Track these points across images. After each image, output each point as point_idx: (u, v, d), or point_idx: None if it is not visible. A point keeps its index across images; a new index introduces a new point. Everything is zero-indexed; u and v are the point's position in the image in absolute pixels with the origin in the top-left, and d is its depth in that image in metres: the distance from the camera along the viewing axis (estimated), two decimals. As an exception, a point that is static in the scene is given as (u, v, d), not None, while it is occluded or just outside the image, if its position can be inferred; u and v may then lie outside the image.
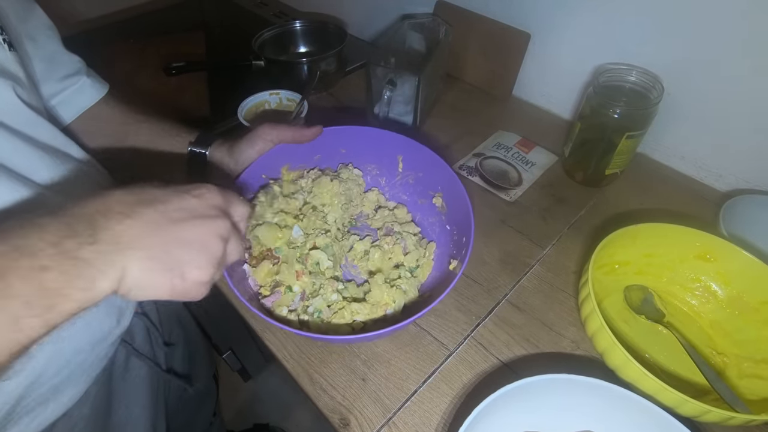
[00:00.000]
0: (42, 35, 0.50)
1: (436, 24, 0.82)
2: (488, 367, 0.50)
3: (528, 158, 0.74)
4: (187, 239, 0.32)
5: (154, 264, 0.30)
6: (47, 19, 0.51)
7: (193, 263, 0.32)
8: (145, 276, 0.30)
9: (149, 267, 0.30)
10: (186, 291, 0.32)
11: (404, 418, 0.46)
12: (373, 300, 0.52)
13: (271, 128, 0.55)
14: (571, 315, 0.54)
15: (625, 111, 0.60)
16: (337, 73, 0.89)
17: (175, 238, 0.31)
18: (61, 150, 0.45)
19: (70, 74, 0.54)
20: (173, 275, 0.31)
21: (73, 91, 0.54)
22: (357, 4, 1.06)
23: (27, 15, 0.48)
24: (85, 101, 0.56)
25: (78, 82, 0.54)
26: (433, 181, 0.59)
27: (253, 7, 1.20)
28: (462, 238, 0.51)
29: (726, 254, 0.52)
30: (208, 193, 0.35)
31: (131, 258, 0.29)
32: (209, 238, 0.33)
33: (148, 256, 0.30)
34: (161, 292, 0.31)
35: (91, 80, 0.56)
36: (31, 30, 0.48)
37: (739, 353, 0.50)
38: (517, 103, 0.87)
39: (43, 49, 0.50)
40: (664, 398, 0.41)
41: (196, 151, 0.56)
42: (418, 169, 0.61)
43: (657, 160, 0.74)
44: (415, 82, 0.70)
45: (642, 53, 0.67)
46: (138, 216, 0.30)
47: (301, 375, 0.49)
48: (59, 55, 0.53)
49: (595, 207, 0.67)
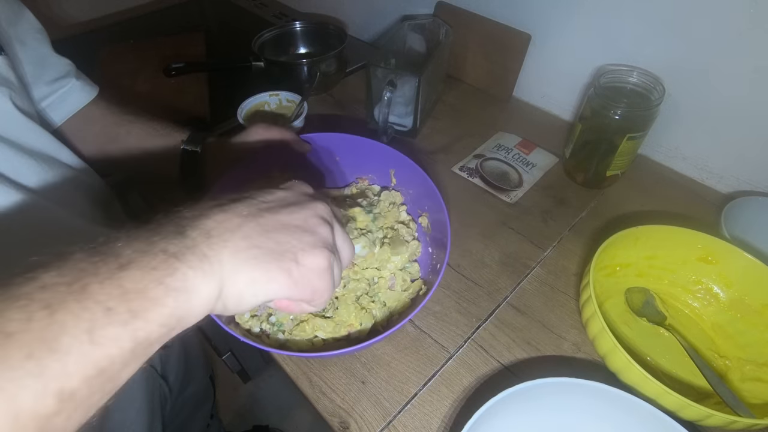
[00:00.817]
0: (31, 38, 0.50)
1: (436, 25, 0.82)
2: (489, 370, 0.49)
3: (528, 159, 0.73)
4: (288, 223, 0.29)
5: (260, 253, 0.26)
6: (37, 23, 0.51)
7: (303, 245, 0.28)
8: (254, 269, 0.26)
9: (255, 256, 0.26)
10: (309, 281, 0.28)
11: (404, 422, 0.46)
12: (338, 319, 0.49)
13: (264, 129, 0.55)
14: (572, 317, 0.54)
15: (626, 112, 0.60)
16: (337, 74, 0.89)
17: (274, 224, 0.28)
18: (51, 156, 0.46)
19: (60, 77, 0.54)
20: (285, 260, 0.27)
21: (62, 93, 0.54)
22: (357, 5, 1.06)
23: (16, 18, 0.48)
24: (75, 103, 0.56)
25: (67, 84, 0.55)
26: (421, 199, 0.57)
27: (252, 8, 1.20)
28: (437, 264, 0.50)
29: (728, 256, 0.51)
30: (297, 184, 0.33)
31: (231, 250, 0.25)
32: (311, 220, 0.30)
33: (249, 245, 0.26)
34: (280, 283, 0.27)
35: (81, 83, 0.56)
36: (20, 33, 0.48)
37: (741, 356, 0.50)
38: (517, 104, 0.86)
39: (32, 52, 0.50)
40: (666, 402, 0.41)
41: (188, 149, 0.56)
42: (409, 185, 0.59)
43: (658, 161, 0.74)
44: (415, 83, 0.69)
45: (643, 54, 0.67)
46: (229, 209, 0.27)
47: (300, 378, 0.49)
48: (49, 58, 0.53)
49: (596, 209, 0.67)
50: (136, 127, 0.58)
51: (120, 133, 0.58)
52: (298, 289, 0.28)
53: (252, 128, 0.56)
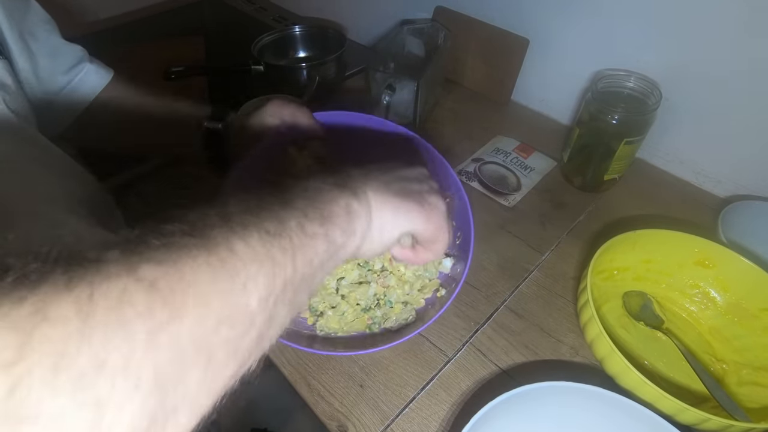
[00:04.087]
0: (41, 30, 0.50)
1: (435, 29, 0.82)
2: (487, 374, 0.50)
3: (527, 163, 0.74)
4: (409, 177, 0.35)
5: (397, 190, 0.32)
6: (44, 13, 0.51)
7: (428, 189, 0.35)
8: (395, 202, 0.32)
9: (394, 192, 0.32)
10: (437, 218, 0.34)
11: (402, 425, 0.46)
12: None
13: (279, 106, 0.52)
14: (570, 321, 0.54)
15: (624, 117, 0.60)
16: (337, 78, 0.89)
17: (399, 177, 0.34)
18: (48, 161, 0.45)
19: (74, 64, 0.54)
20: (418, 197, 0.33)
21: (79, 79, 0.54)
22: (356, 10, 1.06)
23: (24, 12, 0.48)
24: (94, 86, 0.56)
25: (83, 69, 0.54)
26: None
27: (252, 11, 1.20)
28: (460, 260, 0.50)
29: (725, 260, 0.52)
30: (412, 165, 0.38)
31: (374, 189, 0.31)
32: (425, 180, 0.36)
33: (386, 187, 0.32)
34: (417, 213, 0.33)
35: (95, 66, 0.56)
36: (30, 26, 0.48)
37: (738, 360, 0.50)
38: (515, 108, 0.87)
39: (45, 44, 0.50)
40: (663, 406, 0.41)
41: (210, 127, 0.56)
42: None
43: (656, 165, 0.74)
44: (414, 87, 0.70)
45: (640, 59, 0.67)
46: (359, 169, 0.33)
47: (298, 381, 0.49)
48: (61, 48, 0.53)
49: (593, 212, 0.67)
50: (158, 107, 0.58)
51: (142, 114, 0.57)
52: (430, 224, 0.33)
53: (269, 105, 0.53)
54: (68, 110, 0.54)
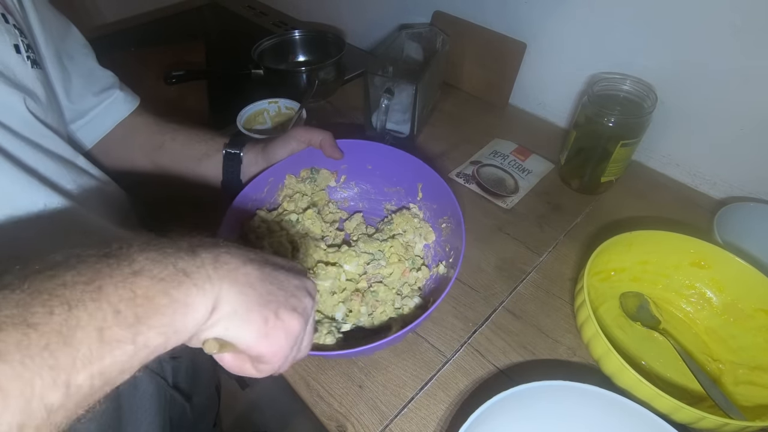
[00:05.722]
0: (79, 53, 0.54)
1: (433, 34, 0.83)
2: (485, 374, 0.50)
3: (524, 166, 0.74)
4: (282, 282, 0.31)
5: (252, 293, 0.29)
6: (82, 38, 0.55)
7: (288, 304, 0.31)
8: (241, 304, 0.28)
9: (246, 294, 0.28)
10: (277, 338, 0.30)
11: (401, 425, 0.46)
12: None
13: (305, 131, 0.58)
14: (568, 322, 0.54)
15: (620, 119, 0.61)
16: (336, 81, 0.90)
17: (271, 278, 0.31)
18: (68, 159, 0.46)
19: (106, 88, 0.57)
20: (268, 310, 0.29)
21: (108, 103, 0.57)
22: (356, 14, 1.07)
23: (65, 34, 0.52)
24: (121, 112, 0.59)
25: (113, 95, 0.57)
26: (444, 214, 0.57)
27: (252, 16, 1.21)
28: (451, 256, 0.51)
29: (720, 261, 0.52)
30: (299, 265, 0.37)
31: (231, 281, 0.28)
32: (301, 291, 0.33)
33: (246, 282, 0.29)
34: (253, 327, 0.29)
35: (124, 93, 0.59)
36: (69, 48, 0.52)
37: (734, 360, 0.50)
38: (513, 111, 0.87)
39: (81, 66, 0.53)
40: (659, 405, 0.41)
41: (231, 152, 0.59)
42: (434, 200, 0.59)
43: (652, 167, 0.75)
44: (412, 90, 0.70)
45: (636, 62, 0.68)
46: (239, 254, 0.30)
47: (298, 382, 0.50)
48: (96, 72, 0.56)
49: (590, 214, 0.67)
50: (180, 134, 0.61)
51: (165, 141, 0.60)
52: (265, 342, 0.29)
53: (293, 130, 0.59)
54: (93, 132, 0.57)
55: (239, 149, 0.59)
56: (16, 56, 0.41)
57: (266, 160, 0.59)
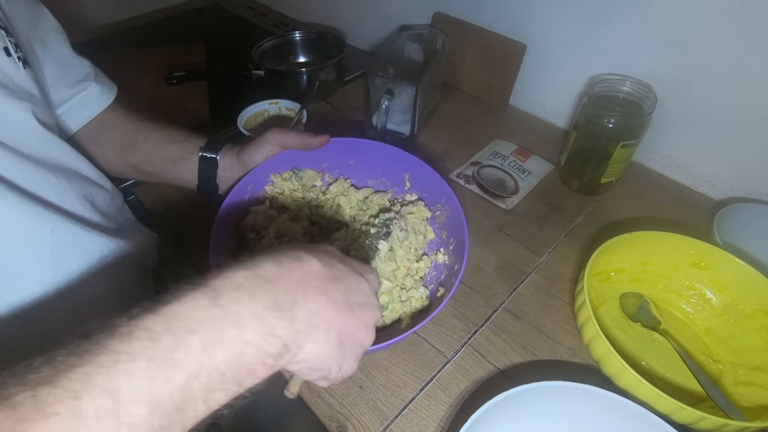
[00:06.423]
0: (52, 39, 0.49)
1: (433, 35, 0.83)
2: (485, 375, 0.50)
3: (524, 167, 0.74)
4: (356, 327, 0.32)
5: (328, 350, 0.30)
6: (55, 22, 0.51)
7: (352, 355, 0.32)
8: (316, 357, 0.29)
9: (324, 351, 0.30)
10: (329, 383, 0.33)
11: (402, 426, 0.46)
12: None
13: (280, 133, 0.56)
14: (568, 322, 0.54)
15: (620, 120, 0.61)
16: (336, 82, 0.90)
17: (347, 325, 0.31)
18: (71, 168, 0.45)
19: (80, 79, 0.53)
20: (334, 364, 0.31)
21: (82, 97, 0.53)
22: (356, 15, 1.08)
23: (36, 19, 0.47)
24: (94, 108, 0.55)
25: (87, 88, 0.54)
26: (437, 200, 0.58)
27: (253, 17, 1.21)
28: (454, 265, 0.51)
29: (720, 262, 0.52)
30: (375, 278, 0.36)
31: (314, 338, 0.29)
32: (368, 328, 0.34)
33: (325, 340, 0.30)
34: (318, 374, 0.31)
35: (100, 86, 0.55)
36: (41, 34, 0.47)
37: (734, 361, 0.50)
38: (513, 112, 0.88)
39: (53, 53, 0.49)
40: (659, 405, 0.41)
41: (206, 156, 0.57)
42: (423, 189, 0.60)
43: (652, 168, 0.75)
44: (412, 91, 0.70)
45: (636, 64, 0.68)
46: (330, 296, 0.30)
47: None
48: (69, 59, 0.52)
49: (590, 215, 0.68)
50: (154, 134, 0.58)
51: (139, 140, 0.57)
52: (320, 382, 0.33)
53: (267, 133, 0.56)
54: (64, 127, 0.54)
55: (215, 153, 0.57)
56: (8, 60, 0.38)
57: (242, 165, 0.56)
